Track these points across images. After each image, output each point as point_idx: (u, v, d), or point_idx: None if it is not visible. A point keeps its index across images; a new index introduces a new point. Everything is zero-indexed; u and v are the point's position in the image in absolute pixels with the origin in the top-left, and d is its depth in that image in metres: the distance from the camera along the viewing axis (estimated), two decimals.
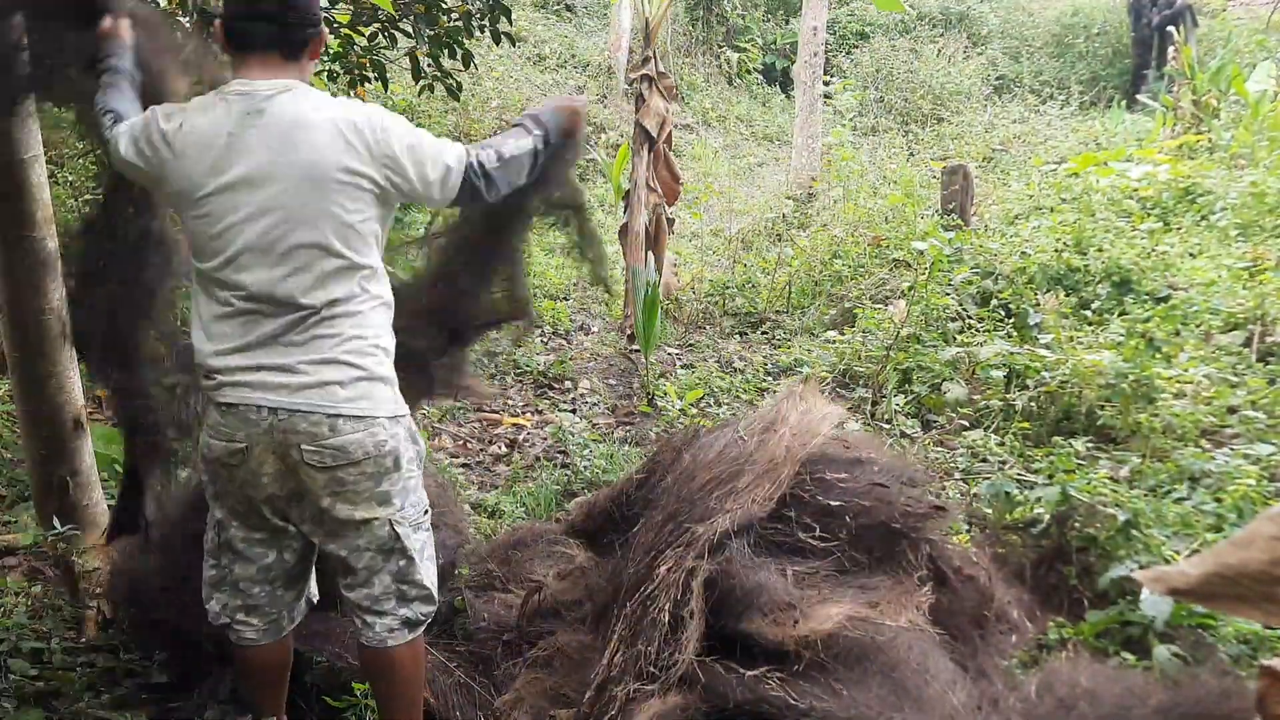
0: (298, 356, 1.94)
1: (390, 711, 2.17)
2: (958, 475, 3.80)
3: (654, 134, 6.09)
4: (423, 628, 2.15)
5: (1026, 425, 4.09)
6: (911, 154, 10.65)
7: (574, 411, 5.04)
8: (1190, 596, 1.72)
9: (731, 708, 1.87)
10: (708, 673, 1.92)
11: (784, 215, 8.68)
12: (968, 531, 3.18)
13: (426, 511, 2.13)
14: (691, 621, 1.97)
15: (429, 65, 5.03)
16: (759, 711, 1.86)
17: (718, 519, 2.16)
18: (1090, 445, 3.91)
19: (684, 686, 1.90)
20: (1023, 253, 5.86)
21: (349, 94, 7.02)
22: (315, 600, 2.29)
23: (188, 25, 4.17)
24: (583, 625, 2.46)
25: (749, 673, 1.91)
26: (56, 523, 3.03)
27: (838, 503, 2.36)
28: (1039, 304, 5.21)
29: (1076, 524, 2.95)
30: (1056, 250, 5.76)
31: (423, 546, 2.11)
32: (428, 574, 2.11)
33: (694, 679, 1.91)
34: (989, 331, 5.02)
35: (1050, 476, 3.38)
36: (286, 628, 2.21)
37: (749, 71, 13.86)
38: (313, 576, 2.26)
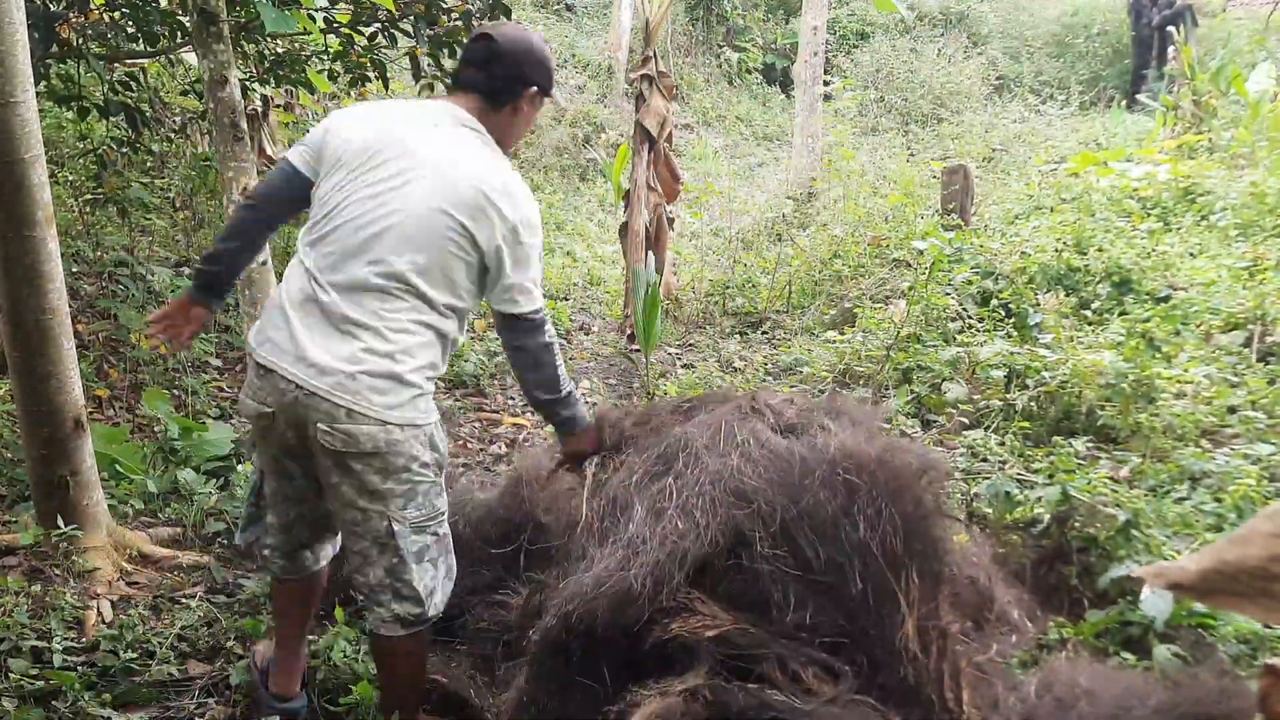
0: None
1: (385, 697, 2.29)
2: (958, 475, 3.80)
3: (654, 134, 6.09)
4: (417, 627, 2.15)
5: (1027, 425, 4.09)
6: (911, 154, 10.65)
7: None
8: (1190, 592, 1.73)
9: (735, 714, 1.86)
10: (711, 685, 1.91)
11: (784, 215, 8.67)
12: (967, 531, 3.18)
13: (435, 518, 2.14)
14: (701, 665, 1.95)
15: (429, 65, 5.04)
16: (762, 717, 1.85)
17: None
18: (1090, 445, 3.90)
19: (686, 694, 1.89)
20: (1023, 252, 5.85)
21: (349, 93, 7.03)
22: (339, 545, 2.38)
23: (188, 24, 4.18)
24: None
25: (751, 686, 1.90)
26: (60, 522, 3.04)
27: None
28: (1039, 304, 5.20)
29: (1077, 524, 2.95)
30: (1056, 250, 5.76)
31: (421, 550, 2.11)
32: (420, 577, 2.11)
33: (696, 690, 1.91)
34: (989, 331, 5.02)
35: (1050, 476, 3.37)
36: (311, 566, 2.38)
37: (749, 71, 13.85)
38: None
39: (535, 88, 2.19)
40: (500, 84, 2.15)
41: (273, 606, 2.54)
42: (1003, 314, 5.26)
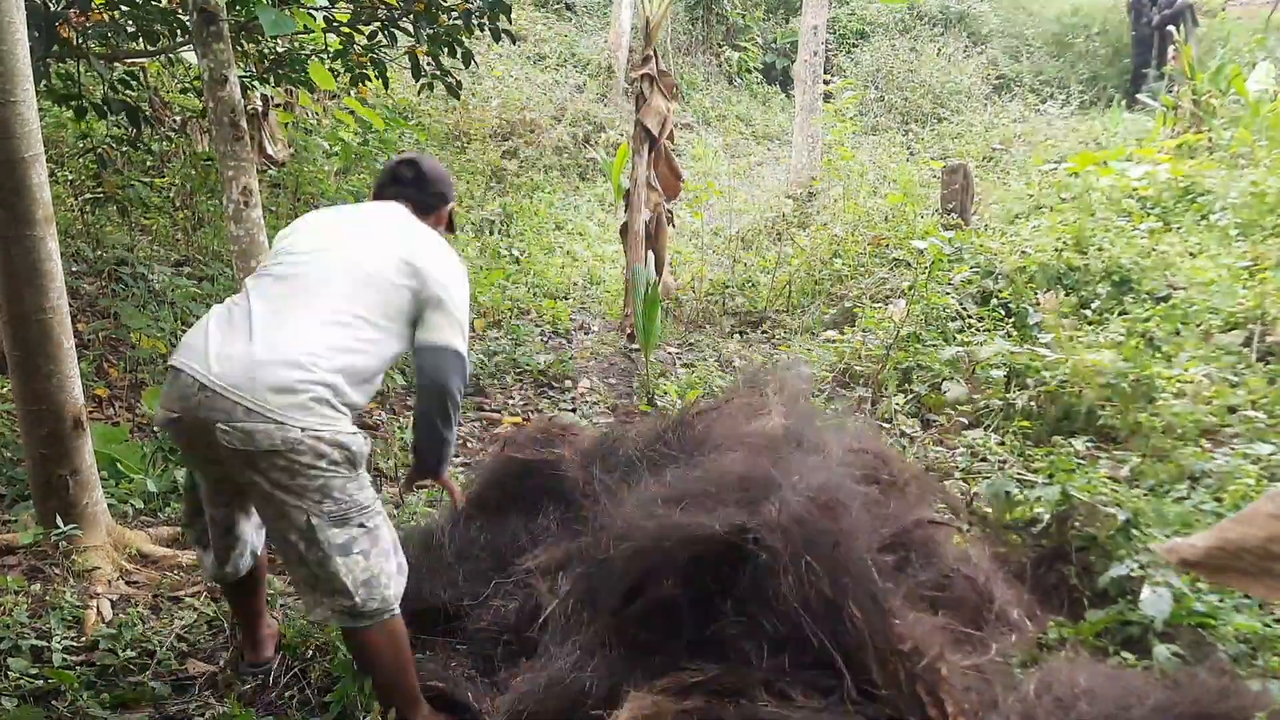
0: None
1: (376, 691, 2.33)
2: (957, 475, 3.80)
3: (655, 133, 6.09)
4: (361, 621, 2.18)
5: (1026, 424, 4.09)
6: (911, 153, 10.65)
7: (574, 411, 5.04)
8: (1199, 568, 1.78)
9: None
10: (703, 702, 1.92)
11: (784, 214, 8.68)
12: (967, 531, 3.18)
13: (361, 510, 2.16)
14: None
15: (429, 64, 5.04)
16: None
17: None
18: (1090, 444, 3.91)
19: (680, 693, 1.89)
20: (1023, 252, 5.85)
21: (349, 92, 7.03)
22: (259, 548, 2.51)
23: (188, 23, 4.17)
24: None
25: (742, 701, 1.90)
26: (59, 521, 3.04)
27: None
28: (1039, 303, 5.20)
29: (1076, 523, 2.95)
30: (1056, 249, 5.76)
31: (347, 543, 2.14)
32: (348, 570, 2.14)
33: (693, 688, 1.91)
34: (989, 331, 5.02)
35: (1050, 476, 3.37)
36: (248, 565, 2.48)
37: (749, 70, 13.86)
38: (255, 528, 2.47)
39: (450, 204, 2.69)
40: (429, 199, 2.61)
41: (227, 601, 2.75)
42: (1002, 313, 5.26)
